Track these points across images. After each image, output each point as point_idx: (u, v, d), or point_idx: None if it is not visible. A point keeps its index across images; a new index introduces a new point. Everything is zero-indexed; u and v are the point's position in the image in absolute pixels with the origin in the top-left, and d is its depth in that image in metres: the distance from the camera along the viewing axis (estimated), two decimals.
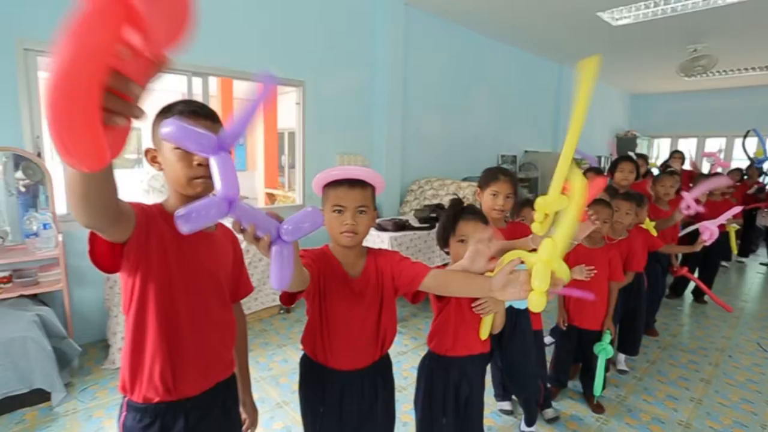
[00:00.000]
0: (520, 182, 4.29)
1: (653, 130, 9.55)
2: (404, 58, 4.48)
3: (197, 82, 3.37)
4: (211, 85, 5.55)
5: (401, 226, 3.36)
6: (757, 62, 6.52)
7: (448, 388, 1.45)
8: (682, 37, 5.39)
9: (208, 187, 0.95)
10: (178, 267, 0.92)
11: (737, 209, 2.48)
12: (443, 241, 1.44)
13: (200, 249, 0.98)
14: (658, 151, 9.57)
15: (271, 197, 6.38)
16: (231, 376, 1.10)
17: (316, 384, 1.21)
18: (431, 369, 1.48)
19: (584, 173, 3.33)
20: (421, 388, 1.51)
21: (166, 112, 0.93)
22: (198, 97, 3.40)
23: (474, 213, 1.39)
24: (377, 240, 3.21)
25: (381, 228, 3.31)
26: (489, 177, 1.78)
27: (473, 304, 1.40)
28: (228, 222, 0.75)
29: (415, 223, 3.65)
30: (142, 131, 6.60)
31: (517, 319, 1.81)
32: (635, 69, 7.31)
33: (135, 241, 0.84)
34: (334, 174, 1.14)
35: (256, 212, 0.68)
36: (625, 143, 8.58)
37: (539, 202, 1.24)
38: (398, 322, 3.41)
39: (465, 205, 1.41)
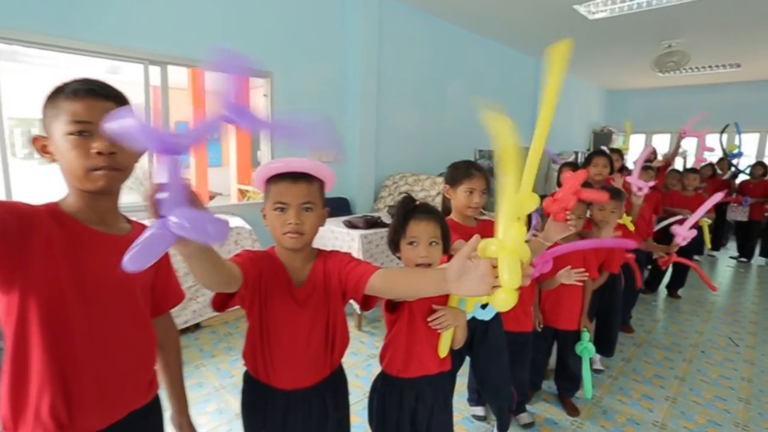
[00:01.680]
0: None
1: None
2: (378, 49, 4.33)
3: (155, 71, 3.14)
4: (181, 76, 5.26)
5: (373, 223, 3.23)
6: (727, 59, 6.63)
7: (402, 414, 1.29)
8: (657, 32, 5.42)
9: (111, 180, 0.79)
10: (73, 278, 0.76)
11: (709, 204, 2.43)
12: (394, 245, 1.28)
13: (106, 256, 0.81)
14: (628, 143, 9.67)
15: (243, 193, 6.20)
16: (151, 402, 0.94)
17: (258, 404, 1.08)
18: (383, 393, 1.32)
19: (559, 169, 3.27)
20: (373, 416, 1.35)
21: (58, 93, 0.78)
22: (157, 88, 3.18)
23: (426, 212, 1.24)
24: (347, 238, 3.07)
25: (352, 225, 3.18)
26: (461, 173, 1.64)
27: (428, 318, 1.24)
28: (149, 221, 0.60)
29: (388, 220, 3.52)
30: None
31: (488, 323, 1.70)
32: (611, 63, 7.34)
33: (5, 249, 0.68)
34: (274, 167, 1.00)
35: (179, 177, 0.55)
36: (600, 139, 8.68)
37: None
38: (370, 323, 3.28)
39: (417, 203, 1.26)
